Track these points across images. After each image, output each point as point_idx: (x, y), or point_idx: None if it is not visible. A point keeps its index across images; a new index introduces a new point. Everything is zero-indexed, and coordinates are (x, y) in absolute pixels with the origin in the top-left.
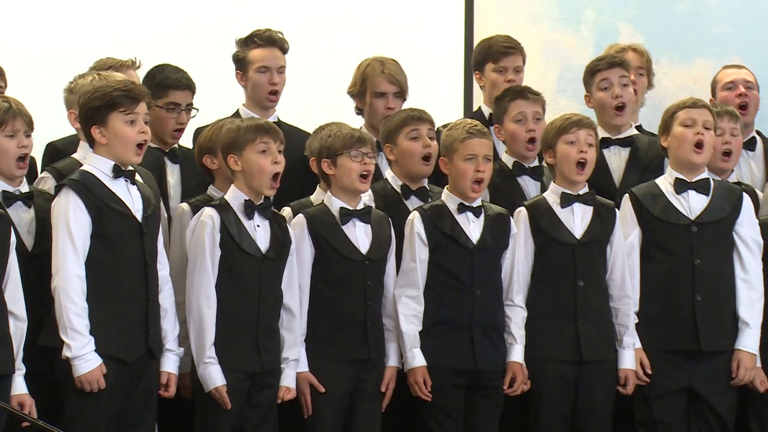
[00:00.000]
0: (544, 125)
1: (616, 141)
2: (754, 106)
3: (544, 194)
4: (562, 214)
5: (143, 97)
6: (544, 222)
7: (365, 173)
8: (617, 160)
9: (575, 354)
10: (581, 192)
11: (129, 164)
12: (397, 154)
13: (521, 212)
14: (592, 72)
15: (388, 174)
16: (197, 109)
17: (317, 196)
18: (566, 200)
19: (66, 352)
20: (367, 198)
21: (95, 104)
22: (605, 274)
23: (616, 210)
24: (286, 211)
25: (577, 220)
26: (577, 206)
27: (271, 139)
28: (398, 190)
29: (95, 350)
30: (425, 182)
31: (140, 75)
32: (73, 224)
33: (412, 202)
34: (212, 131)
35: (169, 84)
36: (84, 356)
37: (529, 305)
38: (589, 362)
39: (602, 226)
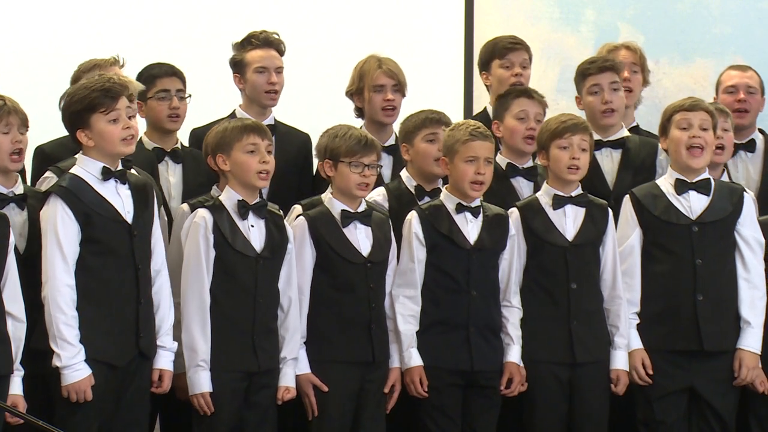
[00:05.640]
0: None
1: (607, 143)
2: (755, 110)
3: (537, 194)
4: (554, 216)
5: (122, 91)
6: (536, 224)
7: (364, 184)
8: (609, 162)
9: (569, 355)
10: (573, 194)
11: (122, 156)
12: (412, 155)
13: (513, 213)
14: (583, 75)
15: (403, 174)
16: (191, 95)
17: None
18: (558, 202)
19: (56, 362)
20: (380, 197)
21: (76, 108)
22: (599, 275)
23: (609, 210)
24: (297, 209)
25: (569, 222)
26: (570, 208)
27: (259, 138)
28: (412, 190)
29: (85, 360)
30: (440, 183)
31: (135, 76)
32: (61, 233)
33: None
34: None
35: (154, 74)
36: (73, 366)
37: (523, 307)
38: (582, 364)
39: (594, 227)
